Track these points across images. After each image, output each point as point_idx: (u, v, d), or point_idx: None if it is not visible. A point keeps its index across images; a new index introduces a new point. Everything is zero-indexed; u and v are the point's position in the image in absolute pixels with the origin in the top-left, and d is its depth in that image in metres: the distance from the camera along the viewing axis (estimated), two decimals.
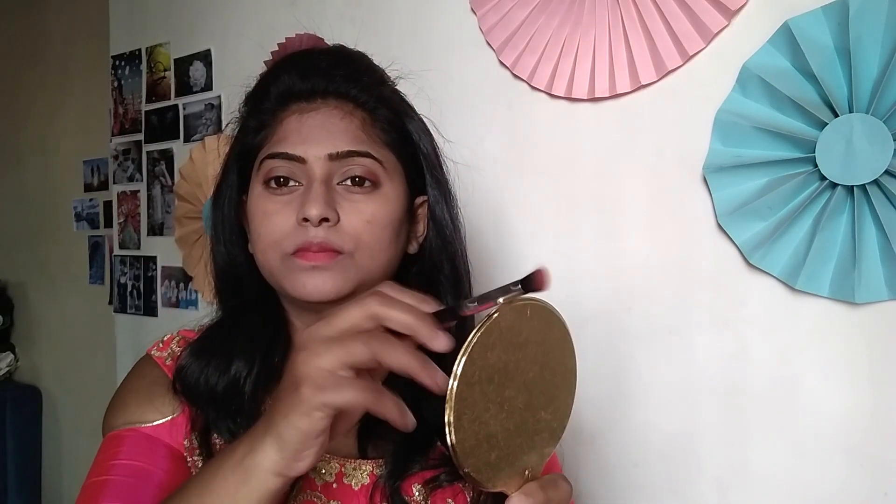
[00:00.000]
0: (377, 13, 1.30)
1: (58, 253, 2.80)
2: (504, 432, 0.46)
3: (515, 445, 0.47)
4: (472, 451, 0.44)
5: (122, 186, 1.93)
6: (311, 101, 0.65)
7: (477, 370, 0.44)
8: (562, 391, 0.51)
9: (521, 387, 0.46)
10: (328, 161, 0.62)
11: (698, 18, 0.96)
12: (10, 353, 2.96)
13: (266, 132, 0.65)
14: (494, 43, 1.15)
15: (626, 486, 1.06)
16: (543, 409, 0.49)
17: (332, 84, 0.65)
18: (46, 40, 2.83)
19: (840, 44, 0.86)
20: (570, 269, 1.08)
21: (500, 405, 0.45)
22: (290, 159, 0.62)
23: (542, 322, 0.48)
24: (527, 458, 0.48)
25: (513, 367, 0.46)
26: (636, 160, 1.04)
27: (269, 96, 0.67)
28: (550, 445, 0.50)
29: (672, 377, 1.02)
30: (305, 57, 0.70)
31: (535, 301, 0.47)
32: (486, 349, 0.44)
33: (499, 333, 0.44)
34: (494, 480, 0.46)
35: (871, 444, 0.87)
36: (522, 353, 0.46)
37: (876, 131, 0.84)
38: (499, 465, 0.46)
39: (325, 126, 0.63)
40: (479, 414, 0.44)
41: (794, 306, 0.92)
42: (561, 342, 0.50)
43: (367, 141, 0.64)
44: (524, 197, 1.14)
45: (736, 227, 0.94)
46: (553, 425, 0.50)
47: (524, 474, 0.48)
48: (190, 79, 1.69)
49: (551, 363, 0.49)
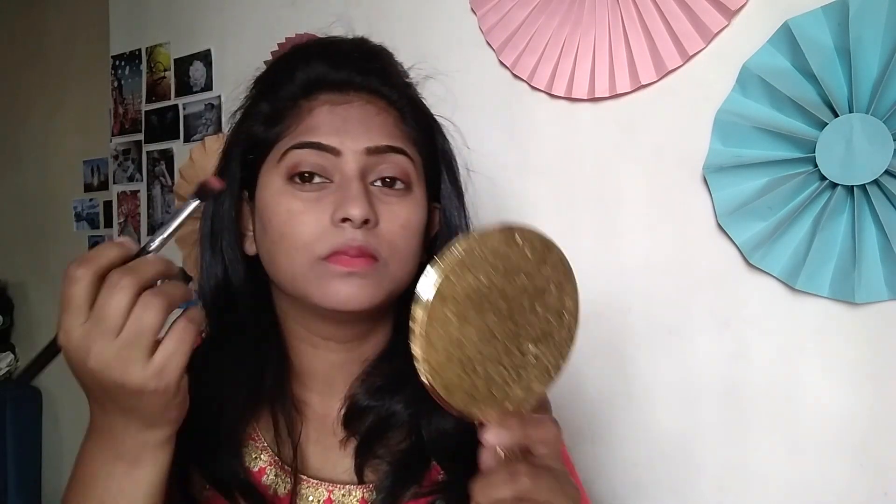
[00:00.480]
0: (377, 13, 1.30)
1: (58, 253, 2.79)
2: (482, 358, 0.44)
3: (496, 374, 0.45)
4: (442, 368, 0.43)
5: (122, 186, 1.93)
6: (343, 92, 0.59)
7: (453, 287, 0.43)
8: (559, 331, 0.48)
9: (505, 315, 0.45)
10: (365, 155, 0.57)
11: (698, 18, 0.96)
12: (10, 353, 2.96)
13: (287, 122, 0.59)
14: (494, 43, 1.15)
15: (626, 486, 1.06)
16: (533, 343, 0.47)
17: (367, 78, 0.61)
18: (46, 40, 2.83)
19: (840, 44, 0.86)
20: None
21: (480, 329, 0.44)
22: (324, 150, 0.56)
23: (537, 254, 0.46)
24: (510, 391, 0.46)
25: (496, 293, 0.44)
26: (636, 160, 1.04)
27: (292, 81, 0.60)
28: (540, 382, 0.48)
29: (672, 377, 1.02)
30: (335, 44, 0.64)
31: (527, 229, 0.46)
32: (465, 268, 0.43)
33: (482, 255, 0.43)
34: (468, 406, 0.45)
35: (871, 444, 0.87)
36: (510, 280, 0.45)
37: (876, 131, 0.84)
38: (473, 391, 0.45)
39: (361, 119, 0.58)
40: (451, 332, 0.43)
41: (794, 306, 0.92)
42: (560, 280, 0.48)
43: (402, 138, 0.60)
44: (524, 197, 1.14)
45: (736, 227, 0.94)
46: (545, 362, 0.48)
47: (505, 406, 0.46)
48: (190, 79, 1.69)
49: (547, 299, 0.47)
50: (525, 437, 0.44)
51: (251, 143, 0.61)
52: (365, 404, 0.60)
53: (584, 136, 1.08)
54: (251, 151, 0.61)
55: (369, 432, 0.60)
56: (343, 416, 0.60)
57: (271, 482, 0.58)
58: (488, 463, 0.44)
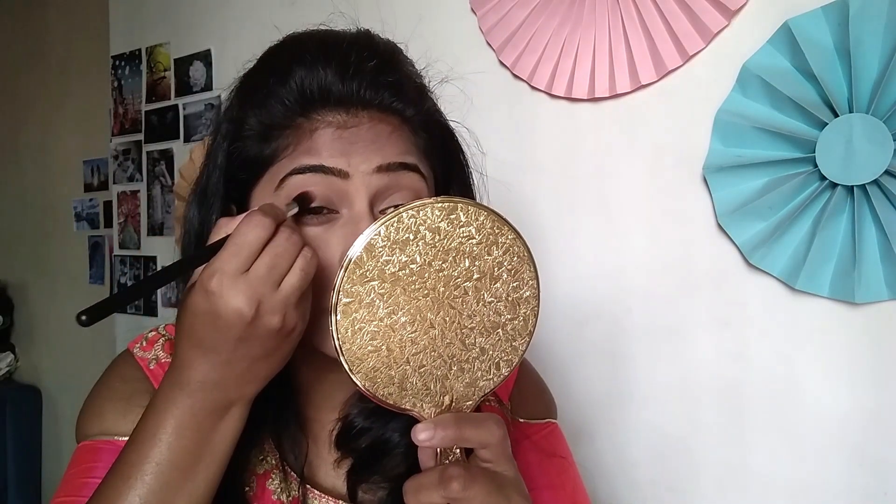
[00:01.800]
0: (377, 13, 1.30)
1: (58, 253, 2.80)
2: (414, 347, 0.41)
3: (431, 366, 0.41)
4: (364, 356, 0.40)
5: (122, 186, 1.93)
6: (351, 113, 0.51)
7: (377, 266, 0.39)
8: (512, 323, 0.43)
9: (442, 301, 0.41)
10: (376, 175, 0.50)
11: (698, 18, 0.96)
12: (10, 353, 2.96)
13: (285, 141, 0.51)
14: (494, 43, 1.15)
15: (626, 485, 1.06)
16: (480, 335, 0.42)
17: (379, 95, 0.52)
18: (46, 40, 2.83)
19: (840, 44, 0.86)
20: (571, 269, 1.08)
21: (412, 315, 0.40)
22: (329, 173, 0.49)
23: (485, 235, 0.41)
24: (450, 385, 0.42)
25: (431, 276, 0.40)
26: (636, 160, 1.04)
27: (288, 91, 0.51)
28: (488, 380, 0.44)
29: (672, 377, 1.02)
30: (338, 44, 0.53)
31: (475, 206, 0.41)
32: (393, 244, 0.39)
33: (415, 231, 0.39)
34: (397, 398, 0.41)
35: (871, 444, 0.87)
36: (449, 262, 0.40)
37: (876, 131, 0.84)
38: (404, 382, 0.41)
39: (372, 139, 0.51)
40: (377, 317, 0.40)
41: (794, 306, 0.92)
42: (514, 267, 0.43)
43: (415, 154, 0.53)
44: (524, 197, 1.14)
45: (736, 227, 0.94)
46: (495, 358, 0.43)
47: (443, 402, 0.43)
48: (190, 79, 1.70)
49: (497, 287, 0.42)
50: (460, 438, 0.41)
51: (241, 160, 0.53)
52: (359, 426, 0.58)
53: (584, 136, 1.08)
54: (242, 170, 0.53)
55: (364, 456, 0.58)
56: (336, 437, 0.58)
57: (276, 487, 0.57)
58: (425, 462, 0.43)
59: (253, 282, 0.43)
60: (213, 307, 0.43)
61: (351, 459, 0.58)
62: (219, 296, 0.43)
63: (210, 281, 0.43)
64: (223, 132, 0.55)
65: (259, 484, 0.57)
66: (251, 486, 0.56)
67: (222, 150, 0.55)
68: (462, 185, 0.61)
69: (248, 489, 0.56)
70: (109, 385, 0.58)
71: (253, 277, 0.43)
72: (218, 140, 0.56)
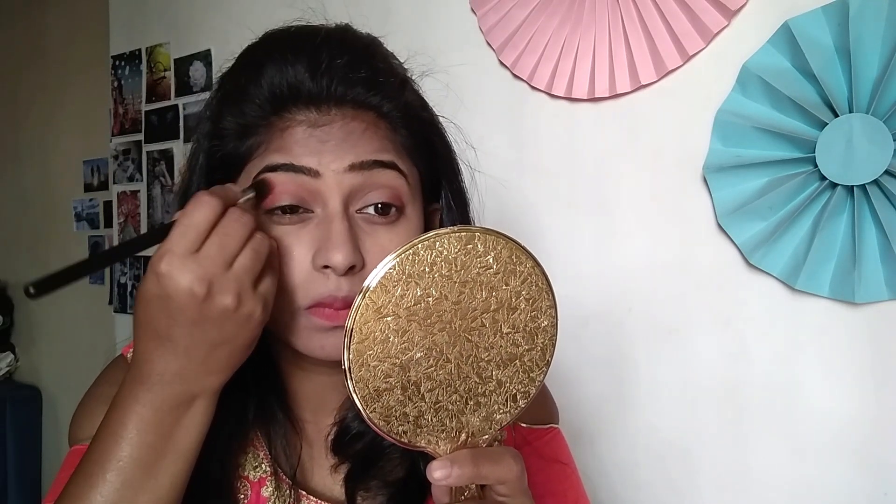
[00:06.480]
0: (377, 13, 1.30)
1: (58, 253, 2.79)
2: (430, 383, 0.39)
3: (447, 401, 0.40)
4: (379, 394, 0.38)
5: (122, 186, 1.93)
6: (323, 111, 0.50)
7: (392, 301, 0.38)
8: (529, 353, 0.42)
9: (459, 334, 0.39)
10: (349, 173, 0.49)
11: (698, 18, 0.96)
12: (10, 353, 2.96)
13: (258, 137, 0.51)
14: (494, 43, 1.15)
15: (626, 486, 1.06)
16: (497, 368, 0.41)
17: (351, 90, 0.51)
18: (46, 40, 2.83)
19: (840, 44, 0.86)
20: (571, 269, 1.08)
21: (427, 350, 0.39)
22: (299, 172, 0.49)
23: (503, 265, 0.40)
24: (466, 420, 0.41)
25: (449, 309, 0.39)
26: (636, 160, 1.04)
27: (258, 87, 0.51)
28: (504, 413, 0.42)
29: (672, 377, 1.02)
30: (310, 41, 0.53)
31: (492, 234, 0.39)
32: (408, 278, 0.37)
33: (431, 263, 0.38)
34: (412, 436, 0.40)
35: (872, 444, 0.87)
36: (466, 294, 0.39)
37: (876, 131, 0.84)
38: (419, 419, 0.40)
39: (344, 137, 0.50)
40: (392, 354, 0.38)
41: (794, 306, 0.92)
42: (532, 296, 0.41)
43: (392, 150, 0.52)
44: (524, 197, 1.14)
45: (736, 227, 0.94)
46: (511, 389, 0.42)
47: (459, 438, 0.41)
48: (190, 79, 1.70)
49: (515, 317, 0.41)
50: (476, 475, 0.40)
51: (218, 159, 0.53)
52: (356, 430, 0.57)
53: (585, 136, 1.08)
54: (220, 170, 0.53)
55: (361, 460, 0.57)
56: (332, 442, 0.57)
57: (270, 494, 0.56)
58: (439, 498, 0.41)
59: (203, 261, 0.42)
60: (164, 290, 0.42)
61: (348, 464, 0.57)
62: (169, 277, 0.42)
63: (160, 263, 0.42)
64: (203, 132, 0.55)
65: (254, 490, 0.56)
66: (246, 493, 0.55)
67: (203, 149, 0.55)
68: (450, 182, 0.59)
69: (243, 497, 0.55)
70: (100, 390, 0.58)
71: (202, 257, 0.43)
72: (199, 140, 0.55)
